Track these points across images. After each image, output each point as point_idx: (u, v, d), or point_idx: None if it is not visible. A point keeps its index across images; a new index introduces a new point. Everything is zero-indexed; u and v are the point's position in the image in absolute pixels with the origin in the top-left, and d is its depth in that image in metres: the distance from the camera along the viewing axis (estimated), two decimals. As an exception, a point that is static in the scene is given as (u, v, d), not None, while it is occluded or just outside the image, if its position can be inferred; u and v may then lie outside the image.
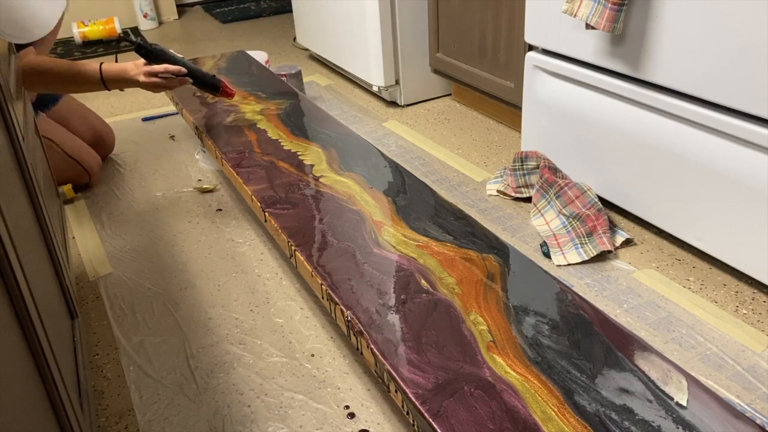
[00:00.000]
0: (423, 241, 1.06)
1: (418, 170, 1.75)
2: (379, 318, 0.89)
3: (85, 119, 1.84)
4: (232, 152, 1.40)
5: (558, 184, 1.45)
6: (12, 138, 0.92)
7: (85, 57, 2.95)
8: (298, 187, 1.24)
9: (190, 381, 1.11)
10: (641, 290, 1.25)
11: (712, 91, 1.15)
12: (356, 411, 1.03)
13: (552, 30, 1.45)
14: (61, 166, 1.68)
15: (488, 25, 1.81)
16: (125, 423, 1.04)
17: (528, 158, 1.55)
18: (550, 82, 1.51)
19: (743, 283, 1.25)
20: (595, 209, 1.38)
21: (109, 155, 1.93)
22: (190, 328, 1.23)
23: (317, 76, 2.52)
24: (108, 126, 1.91)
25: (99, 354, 1.19)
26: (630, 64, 1.28)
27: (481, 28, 1.84)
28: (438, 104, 2.19)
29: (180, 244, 1.50)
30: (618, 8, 1.21)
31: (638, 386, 0.77)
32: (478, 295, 0.93)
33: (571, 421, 0.72)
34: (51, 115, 1.77)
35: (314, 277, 0.99)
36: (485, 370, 0.80)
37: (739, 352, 1.09)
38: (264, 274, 1.37)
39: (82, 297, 1.34)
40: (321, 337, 1.18)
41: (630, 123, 1.33)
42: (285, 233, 1.10)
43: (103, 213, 1.65)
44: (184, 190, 1.73)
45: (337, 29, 2.29)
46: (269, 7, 3.61)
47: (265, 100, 1.67)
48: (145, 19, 3.36)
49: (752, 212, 1.15)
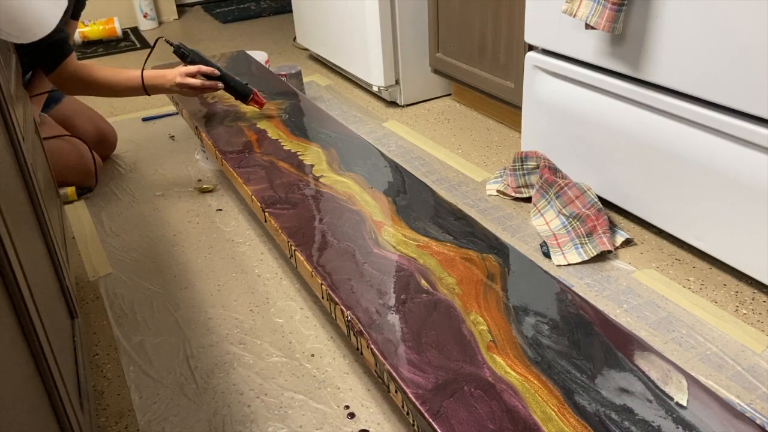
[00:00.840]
0: (423, 241, 1.06)
1: (418, 170, 1.75)
2: (379, 318, 0.89)
3: (89, 118, 1.85)
4: (232, 152, 1.40)
5: (558, 184, 1.45)
6: (12, 138, 0.92)
7: (85, 57, 2.95)
8: (298, 187, 1.24)
9: (190, 381, 1.11)
10: (641, 290, 1.25)
11: (712, 91, 1.15)
12: (356, 411, 1.03)
13: (552, 30, 1.45)
14: (68, 169, 1.68)
15: (488, 25, 1.81)
16: (125, 423, 1.04)
17: (528, 158, 1.55)
18: (550, 82, 1.51)
19: (743, 283, 1.25)
20: (595, 209, 1.38)
21: (110, 155, 1.93)
22: (190, 328, 1.23)
23: (317, 76, 2.52)
24: (110, 125, 1.92)
25: (99, 354, 1.19)
26: (630, 64, 1.28)
27: (481, 28, 1.84)
28: (438, 104, 2.19)
29: (180, 244, 1.50)
30: (618, 8, 1.21)
31: (638, 386, 0.77)
32: (478, 295, 0.93)
33: (571, 421, 0.72)
34: (53, 114, 1.77)
35: (314, 277, 0.99)
36: (485, 370, 0.80)
37: (739, 352, 1.09)
38: (264, 274, 1.37)
39: (82, 297, 1.34)
40: (321, 337, 1.18)
41: (630, 123, 1.33)
42: (285, 233, 1.10)
43: (103, 213, 1.65)
44: (184, 190, 1.73)
45: (337, 29, 2.29)
46: (269, 7, 3.61)
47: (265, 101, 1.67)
48: (145, 19, 3.36)
49: (752, 212, 1.15)
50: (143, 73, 1.51)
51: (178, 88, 1.51)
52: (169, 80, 1.51)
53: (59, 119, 1.77)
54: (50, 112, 1.76)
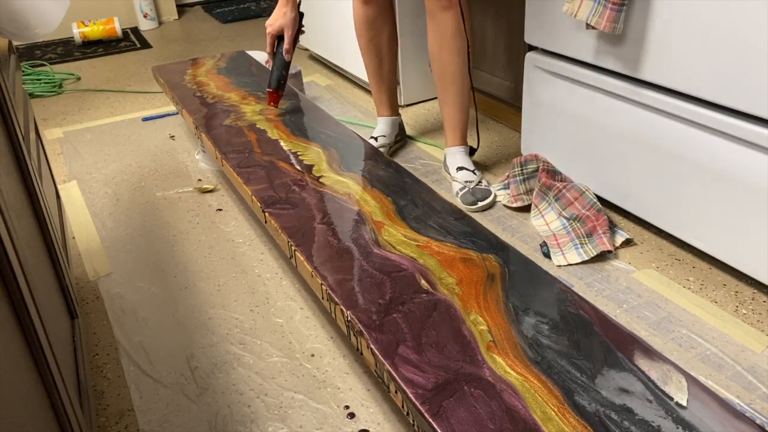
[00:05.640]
0: (423, 241, 1.06)
1: (418, 170, 1.75)
2: (379, 318, 0.89)
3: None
4: (232, 152, 1.40)
5: (556, 187, 1.45)
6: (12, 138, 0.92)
7: (85, 57, 2.95)
8: (298, 187, 1.24)
9: (190, 381, 1.11)
10: (641, 290, 1.25)
11: (712, 91, 1.15)
12: (356, 411, 1.03)
13: (552, 30, 1.45)
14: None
15: (488, 25, 1.81)
16: (125, 423, 1.04)
17: (527, 162, 1.55)
18: (550, 82, 1.51)
19: (743, 283, 1.25)
20: (595, 209, 1.38)
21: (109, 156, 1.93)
22: (190, 328, 1.23)
23: (317, 76, 2.52)
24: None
25: (99, 354, 1.19)
26: (630, 64, 1.28)
27: (481, 28, 1.84)
28: (438, 104, 2.19)
29: (180, 244, 1.50)
30: (618, 8, 1.21)
31: (638, 386, 0.77)
32: (478, 295, 0.93)
33: (570, 421, 0.72)
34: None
35: (314, 277, 0.99)
36: (485, 370, 0.80)
37: (739, 352, 1.09)
38: (264, 274, 1.37)
39: (82, 297, 1.34)
40: (321, 337, 1.18)
41: (630, 123, 1.33)
42: (285, 233, 1.10)
43: (103, 213, 1.65)
44: (184, 190, 1.73)
45: (337, 29, 2.29)
46: (269, 7, 3.61)
47: (265, 100, 1.67)
48: (145, 19, 3.36)
49: (752, 212, 1.15)
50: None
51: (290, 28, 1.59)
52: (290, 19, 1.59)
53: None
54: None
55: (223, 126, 1.53)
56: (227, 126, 1.53)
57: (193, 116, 1.60)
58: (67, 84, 2.61)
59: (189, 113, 1.63)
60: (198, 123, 1.56)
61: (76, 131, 2.14)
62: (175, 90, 1.78)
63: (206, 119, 1.58)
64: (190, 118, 1.61)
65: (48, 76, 2.61)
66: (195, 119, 1.59)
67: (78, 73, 2.71)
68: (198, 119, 1.58)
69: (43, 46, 3.17)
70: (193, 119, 1.59)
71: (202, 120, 1.58)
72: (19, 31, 1.12)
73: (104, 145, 2.03)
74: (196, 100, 1.70)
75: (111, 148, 2.01)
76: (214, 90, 1.77)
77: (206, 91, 1.77)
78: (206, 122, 1.56)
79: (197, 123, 1.56)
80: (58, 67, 2.82)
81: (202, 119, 1.58)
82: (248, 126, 1.52)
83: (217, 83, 1.82)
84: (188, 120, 1.63)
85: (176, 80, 1.86)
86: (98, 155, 1.96)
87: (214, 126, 1.54)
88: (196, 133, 1.58)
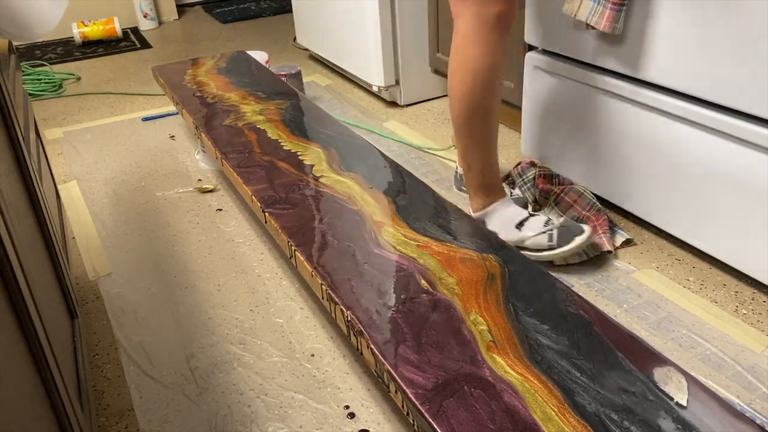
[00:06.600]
0: (423, 241, 1.06)
1: (418, 170, 1.75)
2: (379, 318, 0.89)
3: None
4: (232, 152, 1.40)
5: (554, 191, 1.45)
6: (12, 138, 0.92)
7: (85, 57, 2.95)
8: (298, 187, 1.24)
9: (190, 381, 1.11)
10: (641, 290, 1.25)
11: (712, 91, 1.15)
12: (356, 411, 1.03)
13: (552, 30, 1.45)
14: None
15: (488, 25, 1.81)
16: (125, 423, 1.04)
17: (525, 170, 1.54)
18: (550, 82, 1.51)
19: (743, 283, 1.25)
20: (594, 210, 1.38)
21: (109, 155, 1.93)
22: (190, 328, 1.23)
23: (317, 76, 2.52)
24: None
25: (99, 354, 1.19)
26: (630, 64, 1.28)
27: (481, 28, 1.84)
28: (438, 104, 2.19)
29: (180, 244, 1.50)
30: (618, 8, 1.21)
31: (638, 386, 0.77)
32: (478, 295, 0.93)
33: (570, 421, 0.72)
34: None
35: (314, 277, 0.99)
36: (485, 370, 0.80)
37: (739, 352, 1.09)
38: (264, 274, 1.37)
39: (82, 297, 1.34)
40: (321, 337, 1.18)
41: (630, 123, 1.33)
42: (285, 233, 1.10)
43: (103, 213, 1.65)
44: (184, 190, 1.73)
45: (337, 29, 2.29)
46: (269, 7, 3.61)
47: (265, 100, 1.67)
48: (145, 19, 3.36)
49: (752, 212, 1.15)
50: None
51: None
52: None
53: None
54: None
55: (223, 126, 1.53)
56: (227, 126, 1.53)
57: (193, 116, 1.60)
58: (67, 84, 2.61)
59: (189, 113, 1.63)
60: (198, 123, 1.56)
61: (76, 131, 2.14)
62: (175, 90, 1.78)
63: (206, 119, 1.58)
64: (190, 118, 1.61)
65: (48, 76, 2.61)
66: (195, 119, 1.59)
67: (78, 73, 2.71)
68: (198, 119, 1.58)
69: (43, 46, 3.17)
70: (193, 119, 1.59)
71: (202, 120, 1.58)
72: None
73: (104, 145, 2.03)
74: (196, 100, 1.70)
75: (111, 148, 2.01)
76: (214, 90, 1.77)
77: (206, 91, 1.77)
78: (206, 122, 1.56)
79: (197, 123, 1.56)
80: (58, 67, 2.82)
81: (202, 119, 1.58)
82: (248, 126, 1.52)
83: (217, 83, 1.82)
84: (188, 120, 1.63)
85: (176, 80, 1.86)
86: (98, 155, 1.96)
87: (214, 126, 1.54)
88: (196, 133, 1.58)
